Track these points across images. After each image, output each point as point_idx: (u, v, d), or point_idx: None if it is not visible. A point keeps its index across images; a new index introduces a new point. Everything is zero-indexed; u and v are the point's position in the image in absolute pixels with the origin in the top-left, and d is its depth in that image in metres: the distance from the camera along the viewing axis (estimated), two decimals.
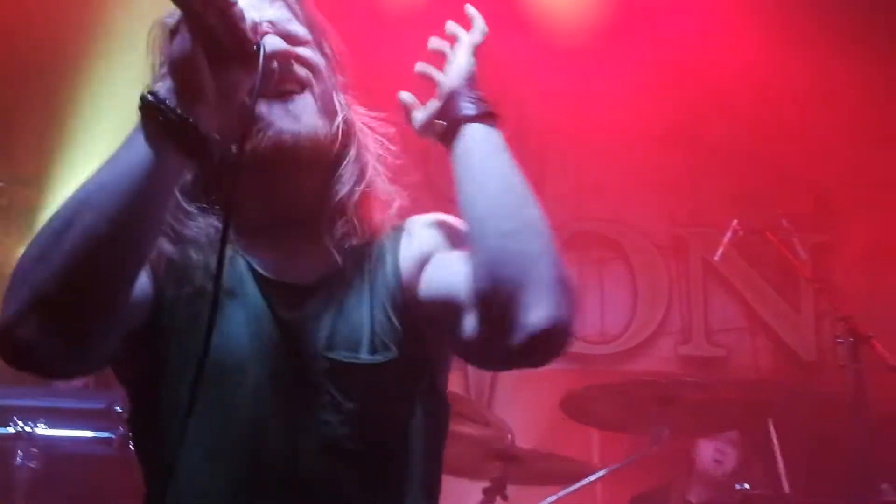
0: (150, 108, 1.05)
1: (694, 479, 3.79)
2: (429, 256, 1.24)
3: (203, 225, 1.21)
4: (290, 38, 1.24)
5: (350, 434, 1.17)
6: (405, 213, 1.32)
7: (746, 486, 3.25)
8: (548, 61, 4.51)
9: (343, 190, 1.24)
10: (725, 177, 4.58)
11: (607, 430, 3.63)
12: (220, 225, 1.17)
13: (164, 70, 1.11)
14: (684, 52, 4.49)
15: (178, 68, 1.05)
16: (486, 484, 3.14)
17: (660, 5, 4.52)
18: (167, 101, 1.04)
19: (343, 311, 1.21)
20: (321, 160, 1.24)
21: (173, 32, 1.10)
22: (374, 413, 1.18)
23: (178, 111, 1.04)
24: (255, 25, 1.13)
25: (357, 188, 1.25)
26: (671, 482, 3.80)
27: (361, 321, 1.21)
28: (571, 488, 2.99)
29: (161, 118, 1.04)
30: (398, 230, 1.29)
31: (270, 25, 1.23)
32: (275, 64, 1.17)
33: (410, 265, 1.25)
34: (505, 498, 3.20)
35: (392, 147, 1.32)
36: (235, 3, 1.06)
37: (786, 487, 3.50)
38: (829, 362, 4.19)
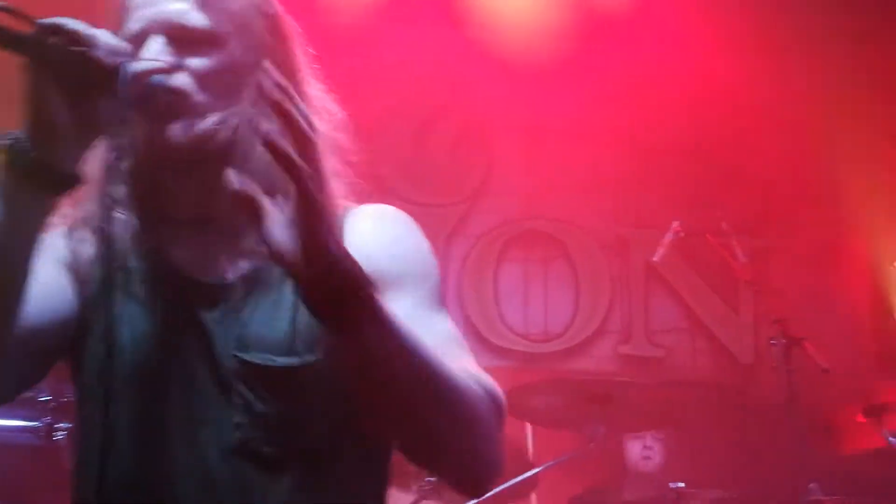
0: (5, 150, 1.04)
1: (627, 477, 3.84)
2: (388, 284, 1.15)
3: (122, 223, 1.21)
4: (183, 34, 1.18)
5: (263, 438, 1.14)
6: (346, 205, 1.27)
7: (681, 484, 3.30)
8: (499, 62, 4.52)
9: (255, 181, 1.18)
10: (670, 179, 4.64)
11: (546, 427, 3.65)
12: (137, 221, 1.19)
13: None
14: (633, 57, 4.54)
15: (29, 106, 1.04)
16: (421, 483, 3.13)
17: (612, 11, 4.56)
18: (21, 142, 1.03)
19: (262, 310, 1.18)
20: (219, 159, 1.17)
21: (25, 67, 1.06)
22: (291, 417, 1.15)
23: (30, 153, 1.03)
24: (116, 49, 1.07)
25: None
26: (606, 482, 3.84)
27: (281, 322, 1.17)
28: (505, 485, 2.99)
29: (15, 160, 1.04)
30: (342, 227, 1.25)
31: (159, 26, 1.18)
32: (152, 81, 1.13)
33: None
34: (440, 497, 3.20)
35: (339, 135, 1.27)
36: (82, 31, 1.03)
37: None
38: (765, 364, 4.27)
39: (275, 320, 1.17)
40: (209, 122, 1.18)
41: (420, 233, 1.29)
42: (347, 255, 0.99)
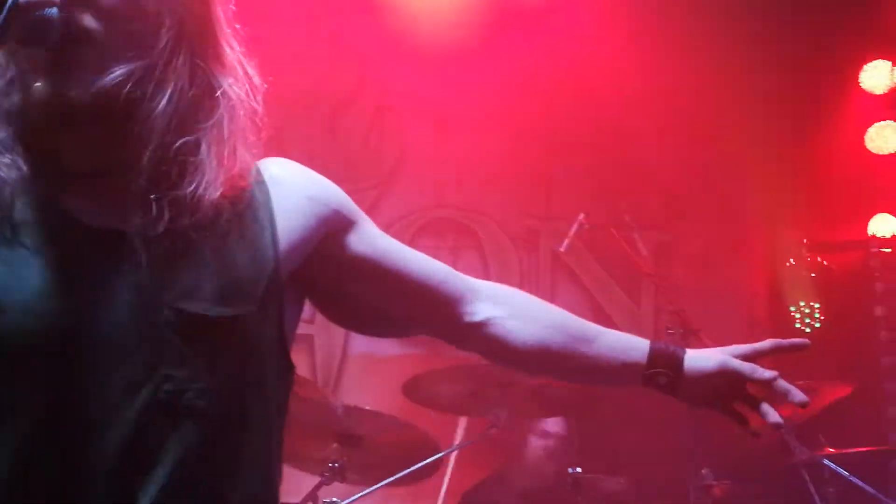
0: None
1: (526, 464, 3.90)
2: (356, 217, 1.28)
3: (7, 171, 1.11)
4: None
5: (195, 390, 1.09)
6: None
7: (578, 469, 3.37)
8: (412, 49, 4.53)
9: (158, 138, 1.12)
10: (578, 172, 4.72)
11: (449, 414, 3.68)
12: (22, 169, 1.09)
13: None
14: (544, 50, 4.60)
15: None
16: (326, 466, 3.12)
17: (524, 3, 4.61)
18: None
19: (195, 260, 1.13)
20: (122, 115, 1.11)
21: None
22: (224, 369, 1.11)
23: None
24: None
25: (189, 136, 1.13)
26: (506, 468, 3.89)
27: (212, 272, 1.13)
28: (408, 470, 3.00)
29: None
30: (262, 181, 1.22)
31: None
32: (50, 11, 1.04)
33: (298, 223, 1.21)
34: (344, 481, 3.19)
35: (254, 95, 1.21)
36: None
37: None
38: None
39: (209, 269, 1.13)
40: (115, 75, 1.09)
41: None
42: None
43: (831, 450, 3.36)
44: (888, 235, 4.72)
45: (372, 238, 1.32)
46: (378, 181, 4.78)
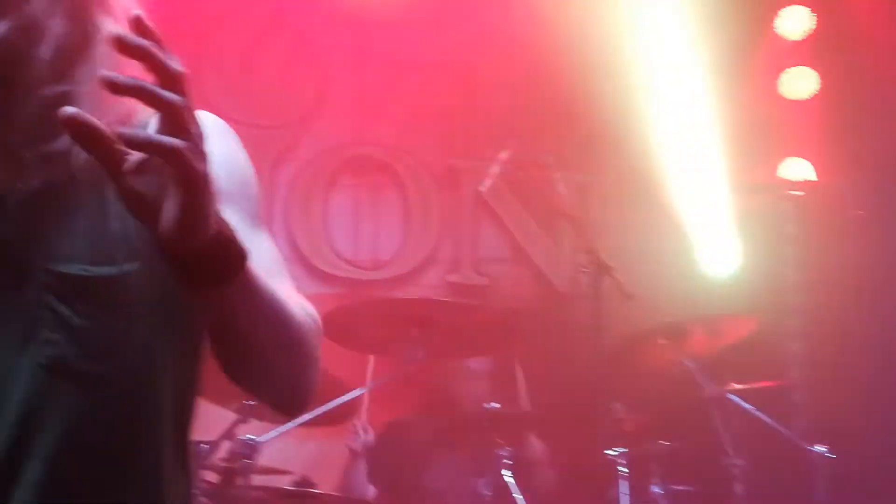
0: None
1: (444, 402, 3.95)
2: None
3: None
4: None
5: (79, 353, 1.05)
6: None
7: (495, 404, 3.43)
8: None
9: (34, 90, 1.06)
10: (500, 111, 4.70)
11: (367, 353, 3.68)
12: None
13: None
14: None
15: None
16: (242, 403, 3.10)
17: None
18: None
19: (72, 217, 1.08)
20: None
21: None
22: (108, 330, 1.07)
23: None
24: None
25: (67, 86, 1.07)
26: (421, 406, 3.94)
27: (92, 231, 1.08)
28: (322, 409, 3.01)
29: None
30: (146, 126, 1.16)
31: None
32: None
33: None
34: (263, 419, 3.18)
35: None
36: None
37: (527, 405, 3.73)
38: (580, 292, 4.47)
39: (84, 228, 1.08)
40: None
41: (240, 144, 1.22)
42: (226, 224, 0.94)
43: (736, 385, 3.49)
44: (799, 179, 4.85)
45: (238, 221, 1.16)
46: (296, 118, 4.69)
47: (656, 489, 3.35)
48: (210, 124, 1.16)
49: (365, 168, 4.74)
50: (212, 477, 3.08)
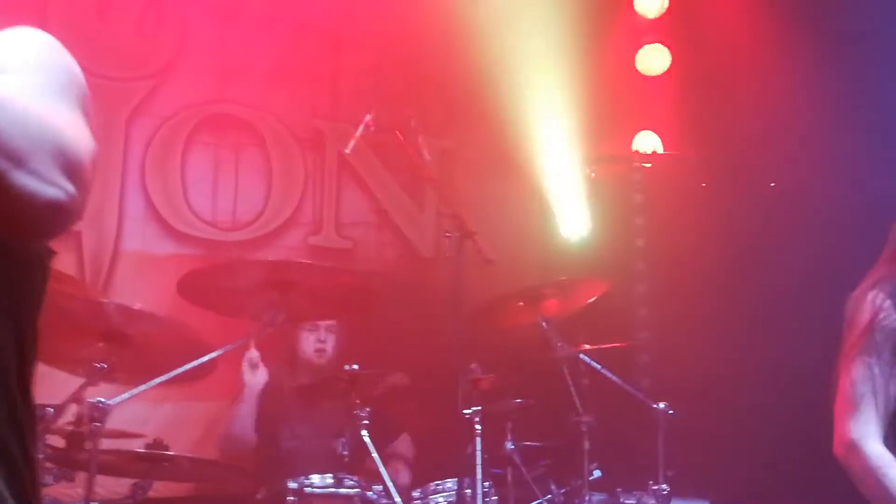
0: None
1: (298, 365, 3.95)
2: None
3: None
4: None
5: None
6: None
7: (355, 366, 3.45)
8: None
9: None
10: (365, 74, 4.68)
11: (227, 315, 3.62)
12: None
13: None
14: None
15: None
16: (92, 367, 2.99)
17: None
18: None
19: None
20: None
21: None
22: None
23: None
24: None
25: None
26: (278, 368, 3.92)
27: None
28: (176, 371, 2.95)
29: None
30: None
31: None
32: None
33: None
34: (114, 381, 3.09)
35: None
36: None
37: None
38: (442, 256, 4.53)
39: None
40: None
41: (66, 54, 1.13)
42: None
43: (587, 346, 3.65)
44: (649, 151, 5.08)
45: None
46: (153, 71, 4.50)
47: (510, 445, 3.47)
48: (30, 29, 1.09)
49: (225, 126, 4.62)
50: (58, 441, 2.97)
